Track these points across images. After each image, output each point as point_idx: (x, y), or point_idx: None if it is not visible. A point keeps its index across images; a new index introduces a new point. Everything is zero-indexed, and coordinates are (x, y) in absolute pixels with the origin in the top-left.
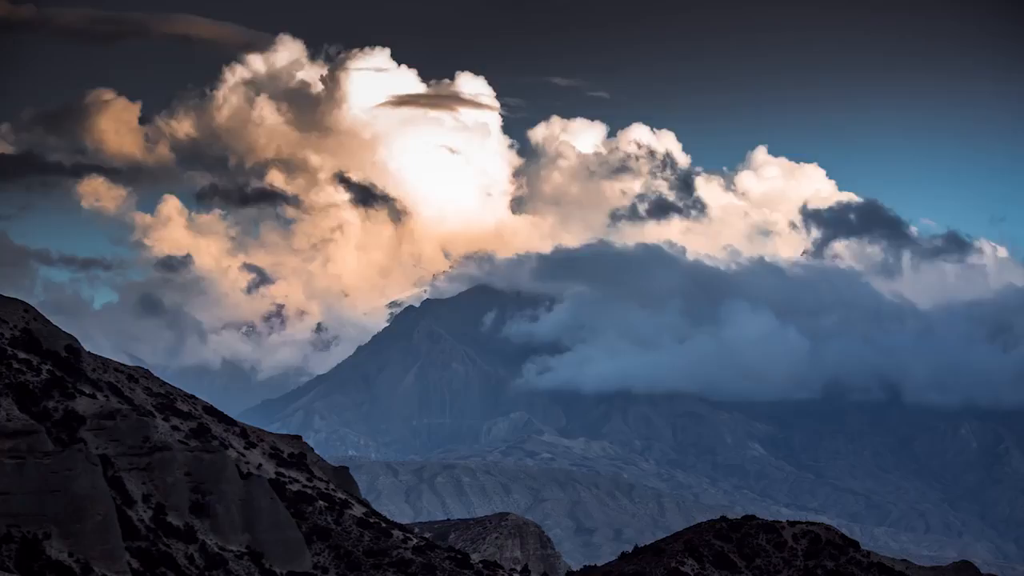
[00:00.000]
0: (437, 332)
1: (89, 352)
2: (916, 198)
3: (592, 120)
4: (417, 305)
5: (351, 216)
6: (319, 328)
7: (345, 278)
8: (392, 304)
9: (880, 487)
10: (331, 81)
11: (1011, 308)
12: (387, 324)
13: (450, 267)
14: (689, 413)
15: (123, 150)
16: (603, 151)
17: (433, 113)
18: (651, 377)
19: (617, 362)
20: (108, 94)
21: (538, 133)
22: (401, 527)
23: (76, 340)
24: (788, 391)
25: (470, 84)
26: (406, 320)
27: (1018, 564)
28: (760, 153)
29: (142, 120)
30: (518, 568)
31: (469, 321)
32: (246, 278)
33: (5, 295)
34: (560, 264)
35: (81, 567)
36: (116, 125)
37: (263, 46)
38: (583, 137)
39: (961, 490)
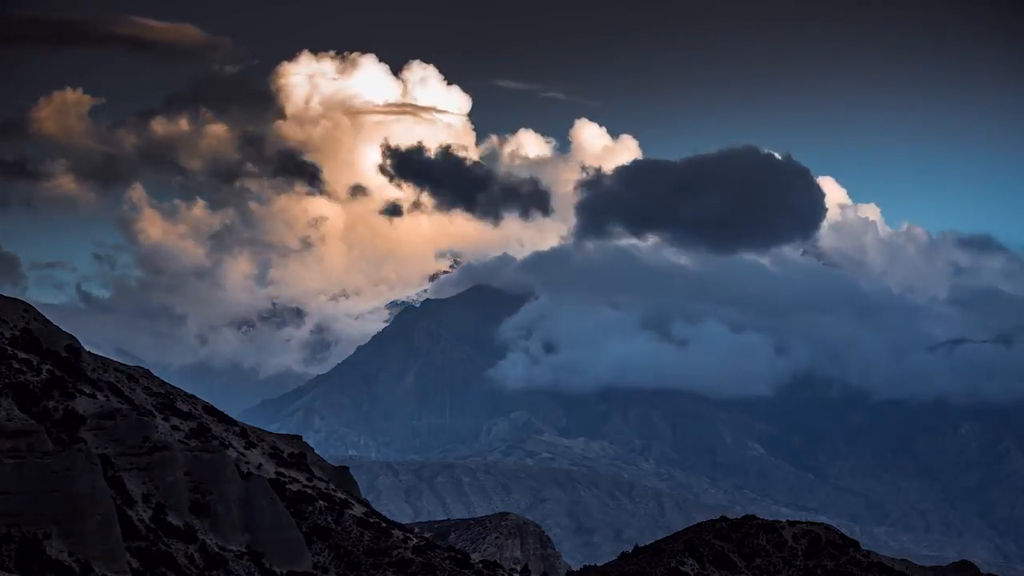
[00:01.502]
0: (437, 332)
1: (89, 352)
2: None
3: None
4: (417, 305)
5: (339, 216)
6: (318, 328)
7: (343, 277)
8: (392, 304)
9: (880, 487)
10: (286, 85)
11: (994, 304)
12: (387, 324)
13: (449, 267)
14: (689, 413)
15: (90, 149)
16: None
17: (397, 118)
18: (649, 376)
19: (614, 360)
20: (60, 95)
21: (497, 138)
22: (401, 527)
23: (76, 340)
24: (772, 389)
25: (431, 85)
26: (406, 320)
27: (1018, 564)
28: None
29: (105, 120)
30: (518, 568)
31: (469, 321)
32: (239, 276)
33: (5, 295)
34: (552, 263)
35: (81, 567)
36: (75, 125)
37: (222, 50)
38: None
39: (961, 490)
